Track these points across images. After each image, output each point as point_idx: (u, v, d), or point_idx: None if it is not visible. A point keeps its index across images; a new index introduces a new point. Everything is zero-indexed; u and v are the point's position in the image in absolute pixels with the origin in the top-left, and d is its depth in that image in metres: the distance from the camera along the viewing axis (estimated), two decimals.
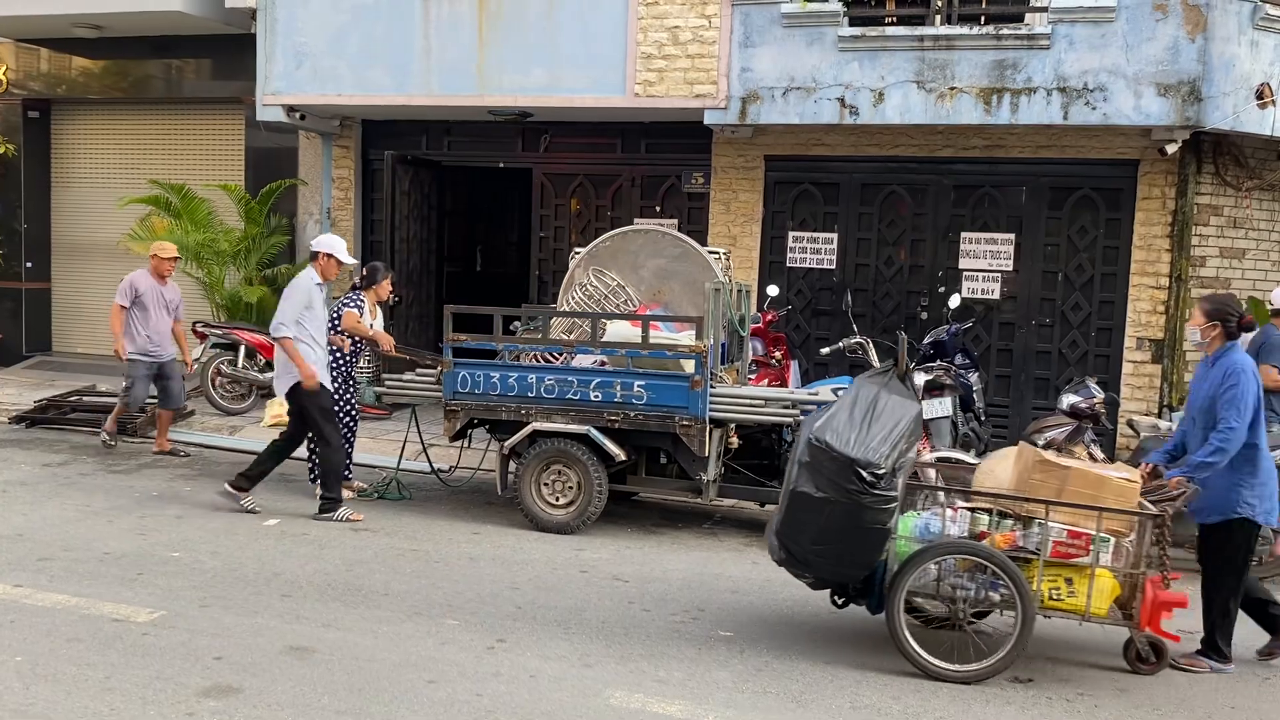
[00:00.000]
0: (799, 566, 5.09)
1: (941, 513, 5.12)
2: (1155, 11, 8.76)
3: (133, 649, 4.78)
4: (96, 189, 13.46)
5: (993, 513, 5.03)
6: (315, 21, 10.81)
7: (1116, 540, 4.99)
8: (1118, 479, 5.04)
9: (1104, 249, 9.90)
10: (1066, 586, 4.96)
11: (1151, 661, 5.17)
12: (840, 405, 5.02)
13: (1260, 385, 5.18)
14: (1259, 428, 5.12)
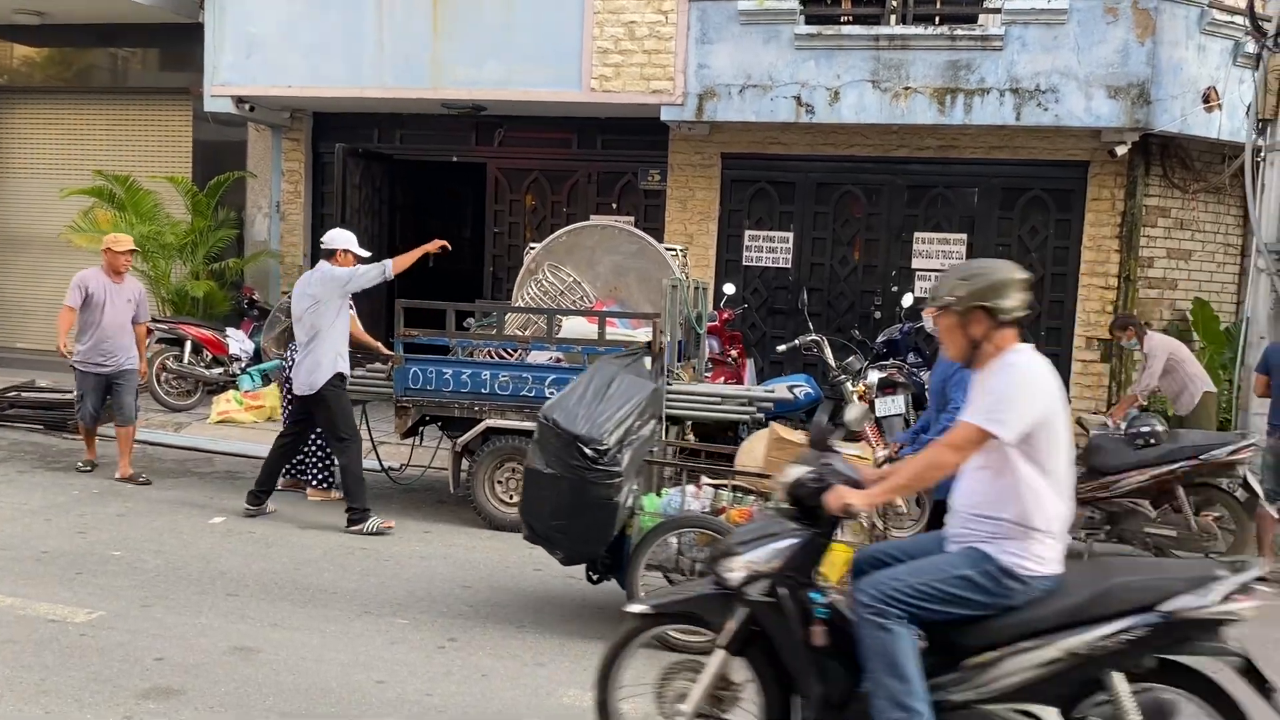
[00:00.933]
0: (545, 543, 5.13)
1: (683, 489, 5.26)
2: (1106, 15, 8.87)
3: (70, 650, 4.63)
4: (39, 180, 13.11)
5: (734, 489, 5.13)
6: (266, 11, 10.62)
7: None
8: (847, 454, 5.07)
9: (1054, 249, 10.01)
10: None
11: None
12: (575, 385, 5.15)
13: None
14: None
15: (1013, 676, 3.22)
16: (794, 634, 3.40)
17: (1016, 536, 3.25)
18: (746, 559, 3.46)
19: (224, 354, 10.68)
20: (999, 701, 3.25)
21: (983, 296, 3.34)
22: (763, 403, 7.00)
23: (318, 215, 12.05)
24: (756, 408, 6.98)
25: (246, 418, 10.05)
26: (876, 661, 3.23)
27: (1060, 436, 3.26)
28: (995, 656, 3.24)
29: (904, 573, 3.34)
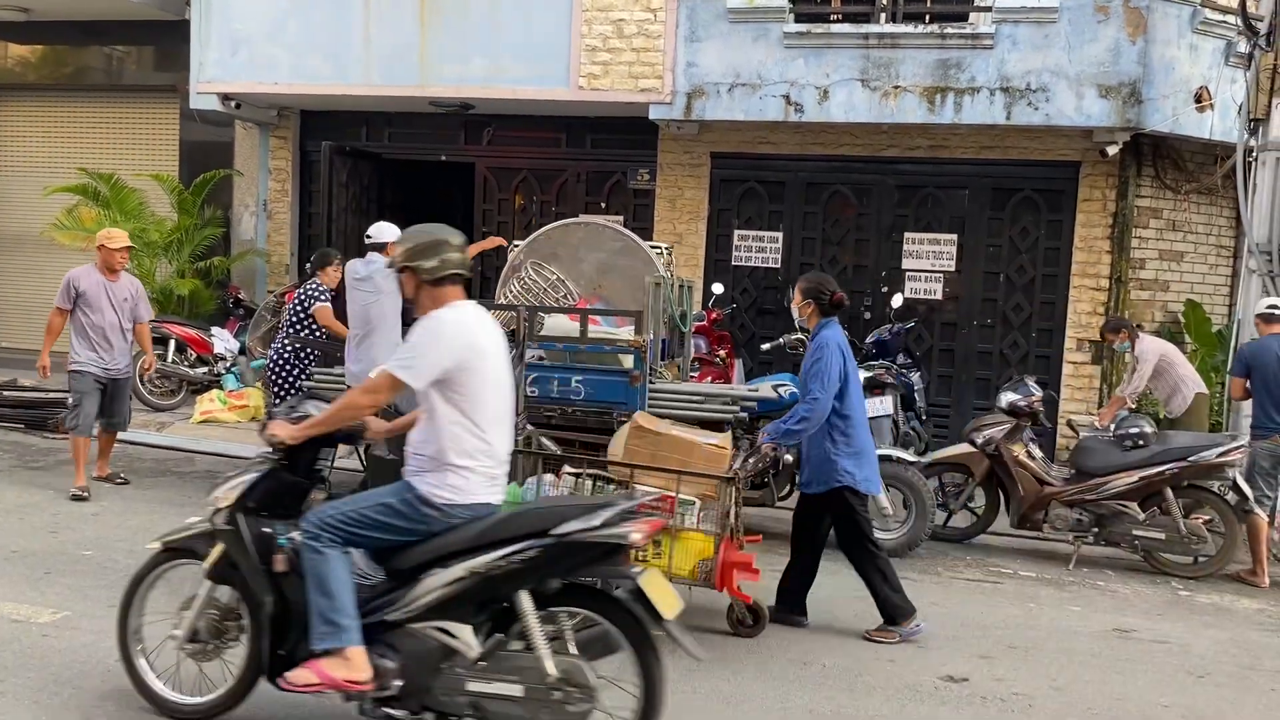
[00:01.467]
0: None
1: (539, 479, 5.28)
2: (1097, 13, 8.80)
3: (30, 651, 4.53)
4: (25, 178, 13.01)
5: (596, 479, 5.17)
6: (253, 7, 10.54)
7: (706, 503, 5.04)
8: (706, 444, 5.16)
9: (1045, 250, 9.94)
10: (653, 548, 5.01)
11: (749, 624, 5.27)
12: None
13: (847, 358, 5.27)
14: (852, 400, 5.26)
15: (429, 595, 3.53)
16: (251, 559, 3.77)
17: (433, 469, 3.61)
18: (216, 494, 3.86)
19: (209, 353, 10.59)
20: (423, 620, 3.56)
21: (409, 258, 3.70)
22: (746, 402, 6.90)
23: (305, 214, 11.97)
24: (740, 407, 6.87)
25: (230, 417, 9.96)
26: (311, 581, 3.57)
27: (486, 381, 3.65)
28: (418, 578, 3.57)
29: (342, 503, 3.69)
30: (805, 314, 5.44)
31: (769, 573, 5.50)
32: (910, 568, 6.65)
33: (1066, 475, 7.11)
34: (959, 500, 7.37)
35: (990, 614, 5.86)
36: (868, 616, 5.49)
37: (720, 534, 5.02)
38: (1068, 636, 5.56)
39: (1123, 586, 6.63)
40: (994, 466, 7.17)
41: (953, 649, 5.25)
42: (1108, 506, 6.92)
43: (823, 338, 5.26)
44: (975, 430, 7.24)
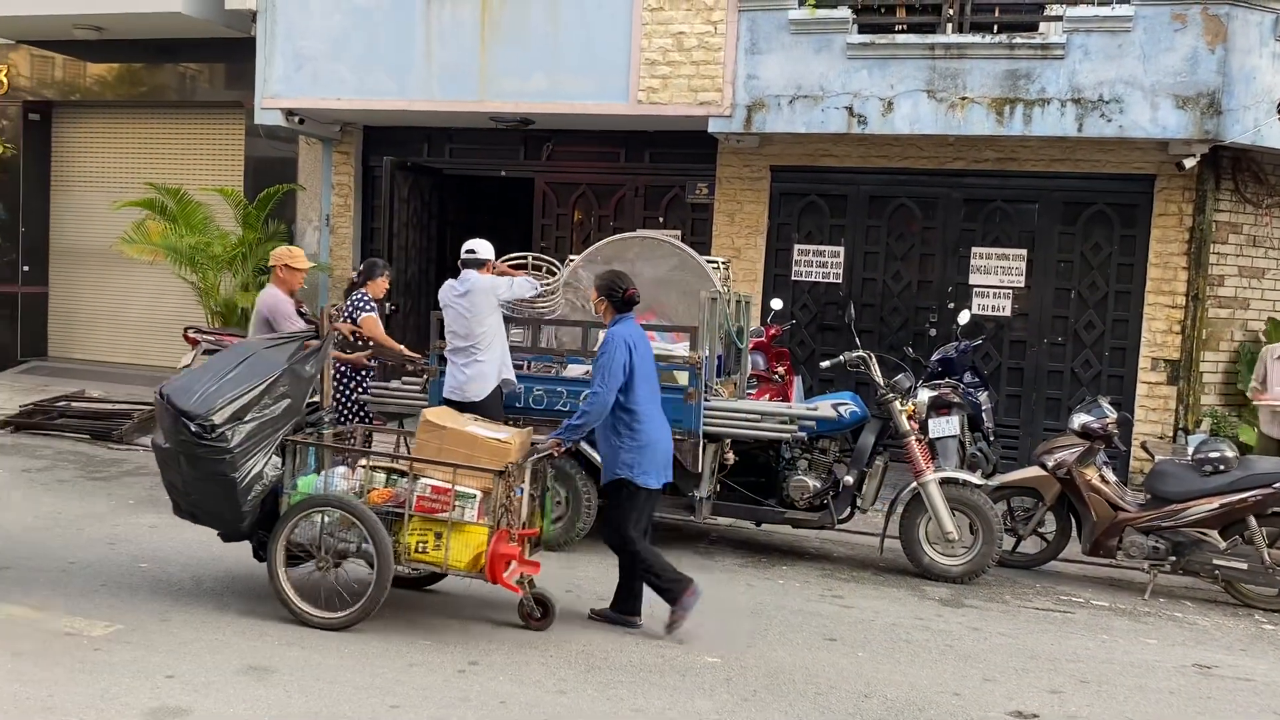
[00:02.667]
0: (191, 518, 5.38)
1: (331, 470, 5.33)
2: (1174, 21, 8.49)
3: (81, 665, 4.52)
4: (95, 192, 13.31)
5: (389, 471, 5.23)
6: (316, 24, 10.64)
7: (488, 496, 5.05)
8: (490, 438, 5.18)
9: (1118, 266, 9.61)
10: (435, 540, 5.06)
11: (538, 617, 5.32)
12: (205, 364, 5.48)
13: (635, 353, 5.30)
14: (638, 394, 5.32)
15: None
16: None
17: None
18: None
19: None
20: None
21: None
22: (804, 420, 6.74)
23: (367, 228, 12.05)
24: (798, 425, 6.71)
25: None
26: None
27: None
28: None
29: None
30: (600, 310, 5.59)
31: None
32: (976, 595, 6.42)
33: (1142, 501, 6.80)
34: (1028, 525, 7.10)
35: (1061, 645, 5.60)
36: (917, 644, 5.28)
37: (493, 526, 5.02)
38: (1144, 671, 5.29)
39: (1202, 619, 6.31)
40: (1065, 491, 6.89)
41: (1021, 682, 5.02)
42: (1186, 534, 6.60)
43: (610, 333, 5.40)
44: (1046, 452, 6.97)
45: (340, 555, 5.19)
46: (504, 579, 5.07)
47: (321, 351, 5.55)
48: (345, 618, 5.09)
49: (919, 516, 6.66)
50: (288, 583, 5.18)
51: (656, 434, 5.40)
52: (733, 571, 6.69)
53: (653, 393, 5.45)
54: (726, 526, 7.75)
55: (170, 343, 12.28)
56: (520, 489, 5.25)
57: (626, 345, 5.32)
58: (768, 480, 7.16)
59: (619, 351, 5.28)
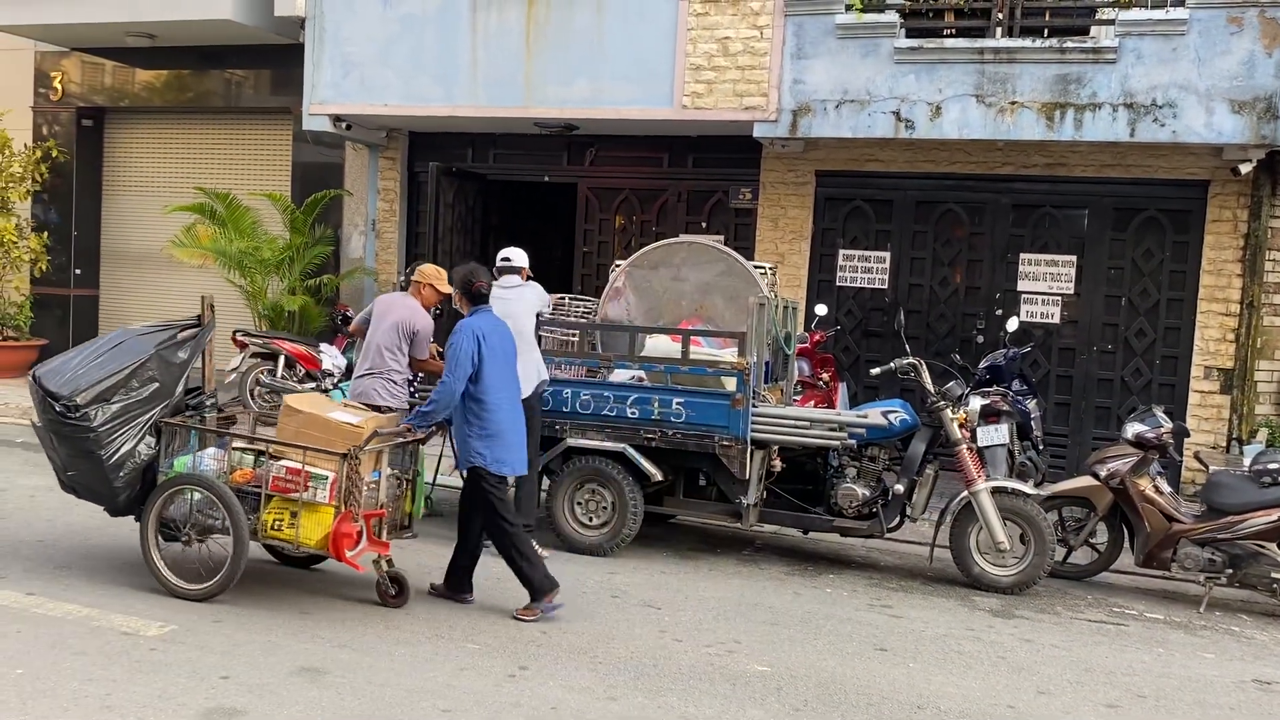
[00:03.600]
0: (74, 493, 5.74)
1: (202, 451, 5.61)
2: (1229, 25, 8.35)
3: (138, 665, 4.58)
4: (146, 197, 13.52)
5: (258, 453, 5.45)
6: (364, 31, 10.74)
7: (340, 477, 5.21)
8: (341, 423, 5.37)
9: (1171, 273, 9.46)
10: (290, 518, 5.28)
11: (394, 595, 5.56)
12: (79, 348, 5.71)
13: (485, 344, 5.49)
14: (488, 383, 5.51)
15: None
16: None
17: None
18: None
19: (316, 369, 10.75)
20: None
21: None
22: (853, 428, 6.68)
23: (412, 233, 12.14)
24: (847, 433, 6.66)
25: None
26: None
27: None
28: None
29: None
30: (459, 302, 5.81)
31: None
32: (1027, 606, 6.33)
33: (1197, 512, 6.68)
34: (1080, 536, 6.99)
35: (1116, 659, 5.51)
36: (969, 656, 5.20)
37: (339, 507, 5.17)
38: (1202, 686, 5.19)
39: (1260, 633, 6.18)
40: (1118, 501, 6.78)
41: (1077, 695, 4.94)
42: (1243, 546, 6.47)
43: (460, 324, 5.62)
44: (1099, 462, 6.87)
45: (206, 531, 5.52)
46: (348, 558, 5.20)
47: (198, 340, 5.82)
48: (205, 589, 5.42)
49: (970, 526, 6.58)
50: (159, 555, 5.54)
51: (508, 423, 5.60)
52: (779, 580, 6.64)
53: (504, 383, 5.64)
54: (771, 533, 7.72)
55: (218, 346, 12.40)
56: (378, 472, 5.42)
57: (476, 336, 5.52)
58: (815, 488, 7.11)
59: (467, 342, 5.49)
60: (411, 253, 12.09)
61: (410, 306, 6.97)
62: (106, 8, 11.46)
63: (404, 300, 7.04)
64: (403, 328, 6.85)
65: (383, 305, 7.05)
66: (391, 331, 6.83)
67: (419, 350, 6.93)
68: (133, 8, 11.39)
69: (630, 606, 5.85)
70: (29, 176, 12.83)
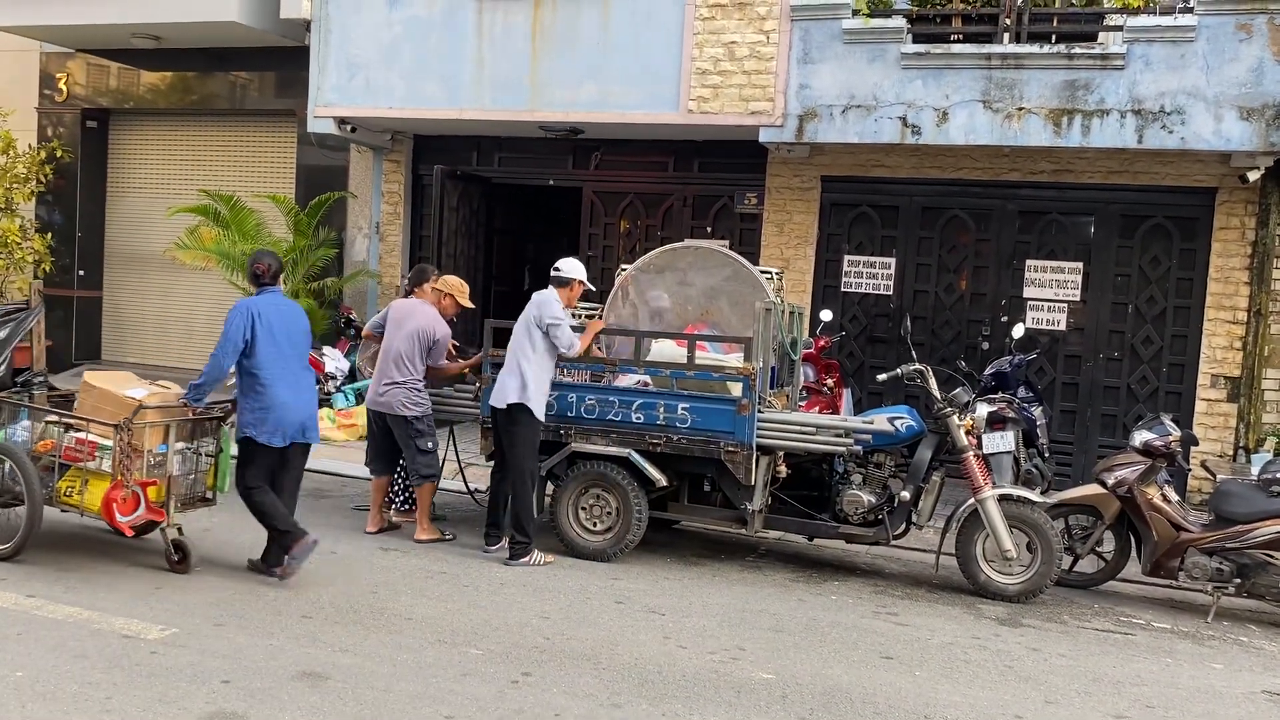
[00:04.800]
0: None
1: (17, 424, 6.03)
2: (1238, 31, 8.32)
3: (138, 668, 4.54)
4: (150, 199, 13.51)
5: (66, 425, 5.83)
6: (369, 34, 10.73)
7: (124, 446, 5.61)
8: (122, 396, 5.74)
9: (1177, 281, 9.43)
10: (81, 486, 5.75)
11: (176, 560, 5.93)
12: None
13: (259, 321, 5.79)
14: (260, 359, 5.82)
15: None
16: None
17: None
18: None
19: (320, 372, 10.73)
20: None
21: None
22: (860, 434, 6.64)
23: (416, 237, 12.12)
24: (854, 439, 6.62)
25: (339, 436, 10.07)
26: None
27: None
28: None
29: None
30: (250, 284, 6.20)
31: None
32: (1033, 614, 6.29)
33: (1205, 521, 6.64)
34: (1086, 544, 6.94)
35: (1123, 669, 5.46)
36: (976, 664, 5.16)
37: (112, 475, 5.59)
38: (1211, 697, 5.15)
39: (1269, 644, 6.14)
40: (1125, 509, 6.73)
41: (1084, 705, 4.90)
42: (1251, 556, 6.43)
43: (237, 303, 5.96)
44: (1106, 470, 6.83)
45: (16, 497, 5.88)
46: (118, 522, 5.63)
47: (20, 322, 6.26)
48: (6, 549, 5.85)
49: (976, 533, 6.54)
50: None
51: (283, 398, 5.86)
52: (784, 586, 6.60)
53: (280, 359, 5.88)
54: (775, 539, 7.68)
55: None
56: (165, 446, 5.77)
57: (250, 314, 5.82)
58: (820, 494, 7.07)
59: (240, 319, 5.81)
60: (416, 256, 12.07)
61: (430, 315, 7.03)
62: (113, 9, 11.46)
63: (423, 308, 7.08)
64: (422, 336, 6.94)
65: (400, 311, 7.08)
66: (411, 339, 6.93)
67: (436, 358, 7.03)
68: (139, 9, 11.39)
69: (634, 612, 5.81)
70: (33, 177, 12.82)
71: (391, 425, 7.03)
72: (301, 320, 6.11)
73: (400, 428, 7.01)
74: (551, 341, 6.59)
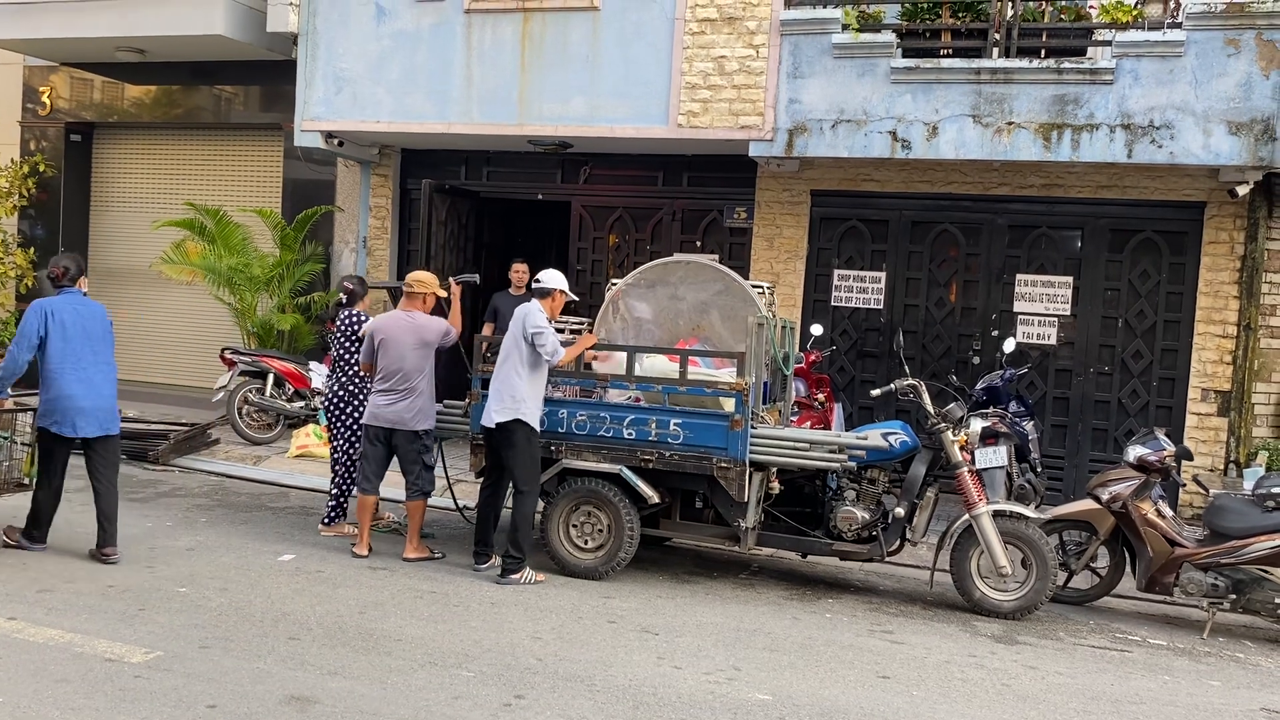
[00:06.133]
0: None
1: None
2: (1227, 46, 8.34)
3: (122, 693, 4.43)
4: (135, 213, 13.40)
5: None
6: (356, 47, 10.67)
7: None
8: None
9: (1167, 295, 9.43)
10: None
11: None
12: None
13: (52, 320, 6.23)
14: (50, 355, 6.25)
15: None
16: None
17: None
18: None
19: (306, 388, 10.64)
20: None
21: None
22: (854, 449, 6.59)
23: (404, 251, 12.04)
24: (847, 455, 6.57)
25: (325, 452, 9.94)
26: None
27: None
28: None
29: None
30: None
31: None
32: (1029, 631, 6.24)
33: (1200, 536, 6.61)
34: (1081, 560, 6.90)
35: (1121, 687, 5.41)
36: (973, 683, 5.10)
37: None
38: (1209, 715, 5.10)
39: (1265, 660, 6.10)
40: (1120, 524, 6.70)
41: None
42: (1246, 571, 6.40)
43: (33, 303, 6.32)
44: (1100, 485, 6.80)
45: None
46: None
47: None
48: None
49: (971, 549, 6.49)
50: None
51: (70, 390, 6.26)
52: (778, 604, 6.53)
53: (71, 355, 6.28)
54: (768, 557, 7.61)
55: (207, 363, 12.31)
56: None
57: (44, 313, 6.26)
58: (814, 510, 7.02)
59: (33, 317, 6.25)
60: (403, 270, 11.98)
61: (421, 323, 7.01)
62: (98, 23, 11.37)
63: (409, 318, 7.02)
64: (428, 343, 6.98)
65: (390, 331, 6.98)
66: (424, 352, 6.96)
67: (446, 345, 7.15)
68: (124, 23, 11.30)
69: (628, 632, 5.73)
70: (16, 191, 12.70)
71: (401, 441, 6.96)
72: (99, 320, 6.48)
73: (410, 442, 6.96)
74: (538, 352, 6.53)
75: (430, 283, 7.16)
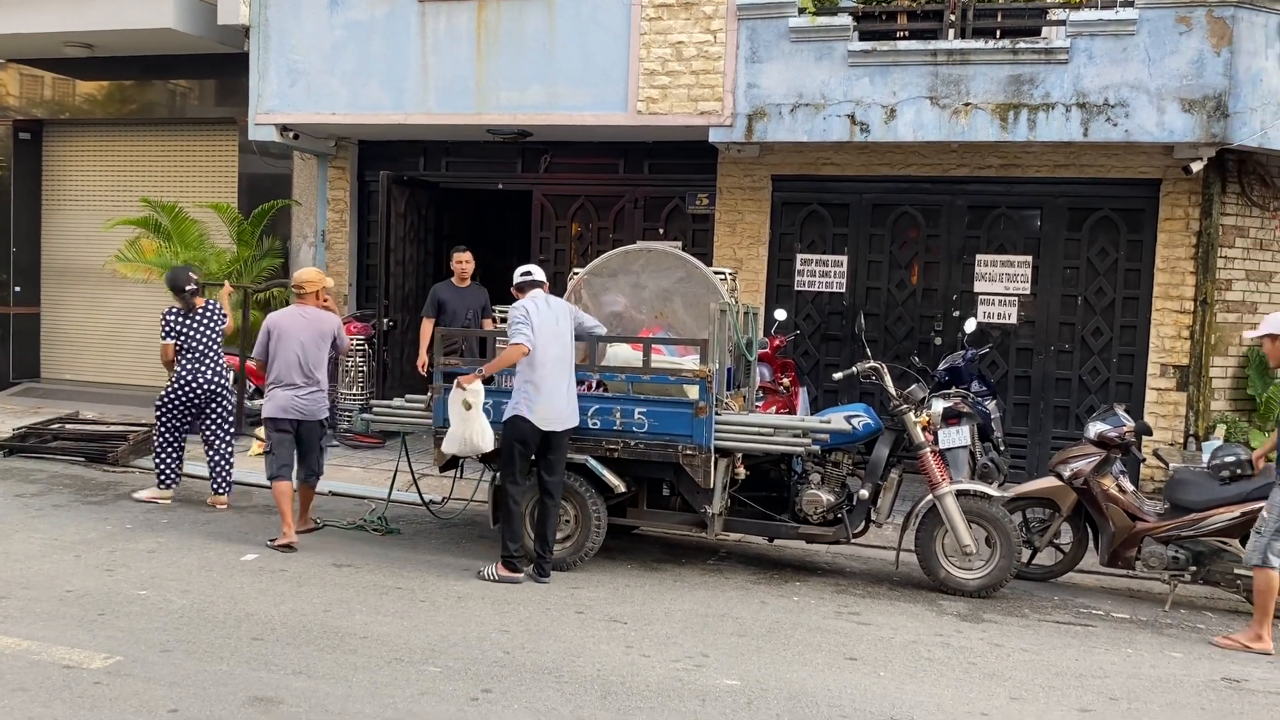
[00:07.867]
0: None
1: None
2: (1178, 24, 8.42)
3: (81, 700, 4.36)
4: (88, 211, 13.16)
5: None
6: (310, 39, 10.53)
7: None
8: None
9: (1125, 272, 9.52)
10: None
11: None
12: None
13: None
14: None
15: None
16: None
17: None
18: None
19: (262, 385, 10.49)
20: None
21: None
22: (818, 433, 6.60)
23: (363, 244, 11.93)
24: (811, 439, 6.58)
25: None
26: None
27: None
28: None
29: None
30: None
31: None
32: (994, 609, 6.29)
33: (1160, 510, 6.69)
34: (1044, 537, 6.96)
35: (1085, 661, 5.47)
36: (939, 662, 5.14)
37: None
38: (1172, 687, 5.17)
39: (1226, 630, 6.18)
40: (1082, 501, 6.77)
41: (1049, 700, 4.89)
42: (1206, 543, 6.48)
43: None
44: (1062, 462, 6.85)
45: None
46: None
47: None
48: None
49: (935, 529, 6.53)
50: None
51: None
52: (745, 589, 6.54)
53: None
54: (735, 542, 7.62)
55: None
56: None
57: None
58: (779, 494, 7.03)
59: None
60: (363, 263, 11.89)
61: (315, 316, 7.31)
62: (44, 18, 11.16)
63: (303, 314, 7.29)
64: (325, 338, 7.29)
65: (286, 326, 7.21)
66: (321, 344, 7.27)
67: (340, 349, 7.52)
68: (70, 18, 11.09)
69: (595, 622, 5.72)
70: None
71: (307, 431, 7.29)
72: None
73: (318, 431, 7.36)
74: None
75: (317, 279, 7.45)
